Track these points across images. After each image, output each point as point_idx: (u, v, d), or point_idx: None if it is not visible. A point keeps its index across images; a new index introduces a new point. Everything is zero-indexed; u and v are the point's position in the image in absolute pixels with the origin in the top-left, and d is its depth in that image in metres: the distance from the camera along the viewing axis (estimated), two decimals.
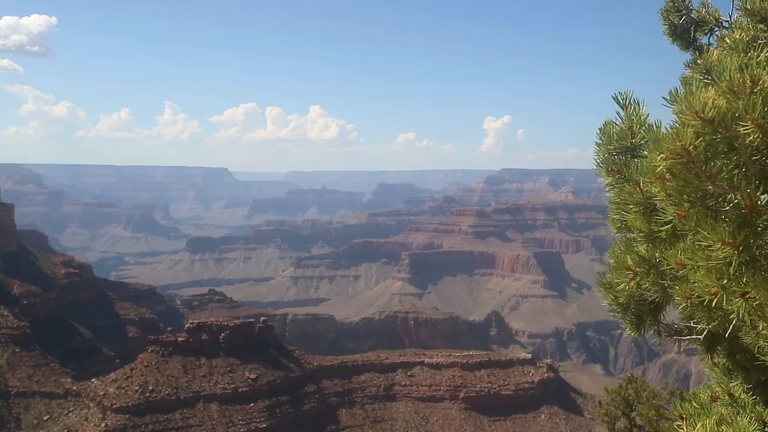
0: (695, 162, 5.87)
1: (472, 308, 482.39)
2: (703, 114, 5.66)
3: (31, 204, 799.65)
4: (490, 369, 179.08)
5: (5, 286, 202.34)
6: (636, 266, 7.39)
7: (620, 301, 8.48)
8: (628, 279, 7.53)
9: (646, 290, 7.75)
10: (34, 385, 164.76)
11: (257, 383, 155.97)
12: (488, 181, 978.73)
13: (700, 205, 6.10)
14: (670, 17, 10.11)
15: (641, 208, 6.97)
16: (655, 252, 7.13)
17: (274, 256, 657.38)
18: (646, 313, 8.52)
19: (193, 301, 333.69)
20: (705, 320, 6.77)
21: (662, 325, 8.66)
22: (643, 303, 8.31)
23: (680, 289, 6.59)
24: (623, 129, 7.38)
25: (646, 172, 6.36)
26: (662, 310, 8.43)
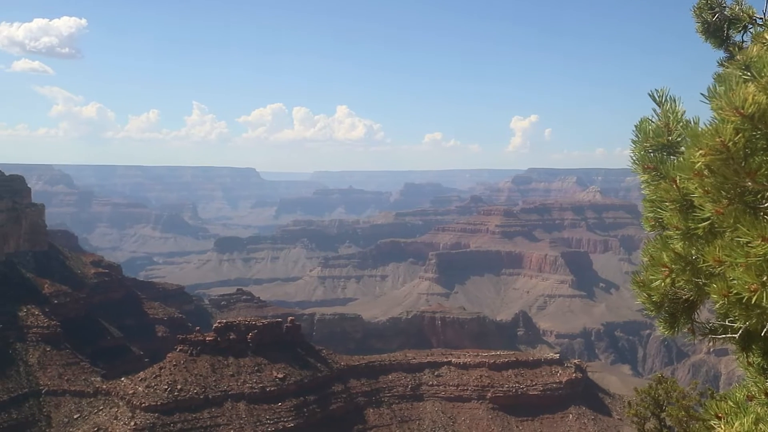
0: (734, 158, 5.82)
1: (500, 308, 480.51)
2: (743, 110, 5.65)
3: (61, 204, 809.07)
4: (517, 369, 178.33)
5: (36, 286, 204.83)
6: (672, 263, 7.34)
7: (654, 299, 8.41)
8: (663, 276, 7.47)
9: (680, 288, 7.70)
10: (65, 384, 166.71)
11: (285, 383, 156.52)
12: (515, 181, 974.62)
13: (739, 202, 6.05)
14: (703, 15, 10.03)
15: (678, 205, 6.92)
16: (692, 249, 7.08)
17: (301, 255, 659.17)
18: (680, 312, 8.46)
19: (221, 300, 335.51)
20: (742, 318, 6.71)
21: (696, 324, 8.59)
22: (677, 301, 8.25)
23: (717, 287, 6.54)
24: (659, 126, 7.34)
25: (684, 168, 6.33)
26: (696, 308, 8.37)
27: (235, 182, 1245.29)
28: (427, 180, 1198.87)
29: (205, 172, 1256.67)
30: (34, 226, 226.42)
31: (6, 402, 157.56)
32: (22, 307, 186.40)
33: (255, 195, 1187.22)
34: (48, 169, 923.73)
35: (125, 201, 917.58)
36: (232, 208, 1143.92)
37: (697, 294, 7.70)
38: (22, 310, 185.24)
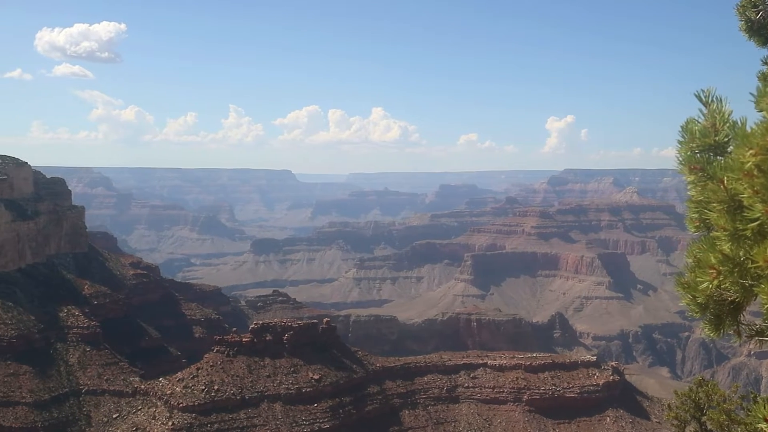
0: None
1: (536, 310, 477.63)
2: None
3: (101, 207, 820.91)
4: (554, 371, 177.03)
5: (76, 287, 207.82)
6: (720, 265, 7.25)
7: (699, 301, 8.30)
8: (711, 278, 7.39)
9: (726, 290, 7.60)
10: (104, 384, 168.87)
11: (321, 384, 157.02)
12: (551, 182, 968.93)
13: None
14: (747, 13, 9.90)
15: (725, 206, 6.83)
16: (740, 251, 6.98)
17: (337, 257, 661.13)
18: (725, 314, 8.36)
19: (258, 301, 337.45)
20: None
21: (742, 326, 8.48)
22: (723, 303, 8.14)
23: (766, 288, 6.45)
24: (706, 126, 7.26)
25: (733, 168, 6.25)
26: (743, 310, 8.26)
27: (271, 184, 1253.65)
28: (462, 181, 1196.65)
29: (242, 175, 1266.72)
30: (74, 228, 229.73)
31: (47, 401, 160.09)
32: (62, 307, 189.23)
33: (291, 197, 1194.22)
34: (88, 172, 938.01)
35: (163, 203, 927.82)
36: (269, 210, 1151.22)
37: (744, 296, 7.60)
38: (62, 310, 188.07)
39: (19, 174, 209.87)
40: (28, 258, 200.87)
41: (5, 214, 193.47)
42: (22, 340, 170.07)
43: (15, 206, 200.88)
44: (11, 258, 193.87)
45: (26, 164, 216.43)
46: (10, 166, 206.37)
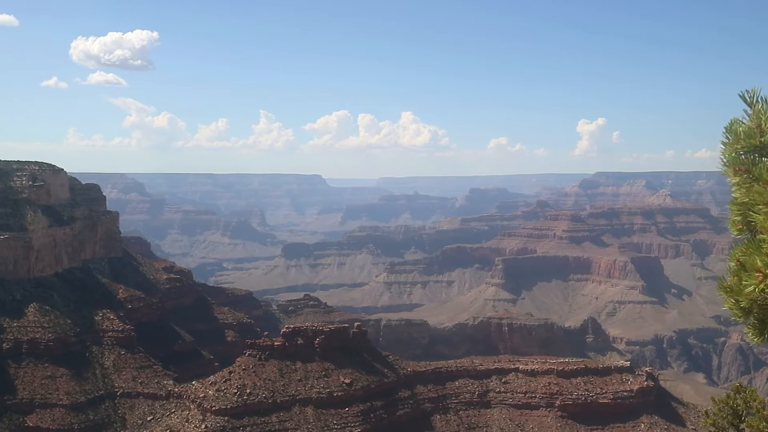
0: None
1: (568, 314, 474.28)
2: None
3: (134, 212, 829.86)
4: (586, 376, 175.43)
5: (111, 291, 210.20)
6: (766, 268, 7.17)
7: (742, 305, 8.21)
8: (757, 281, 7.31)
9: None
10: (139, 387, 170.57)
11: (352, 388, 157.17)
12: (583, 185, 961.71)
13: None
14: None
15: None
16: None
17: (367, 261, 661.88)
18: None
19: (289, 306, 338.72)
20: None
21: None
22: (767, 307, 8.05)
23: None
24: (751, 127, 7.18)
25: None
26: None
27: (301, 189, 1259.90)
28: (492, 185, 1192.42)
29: (273, 180, 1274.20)
30: (109, 233, 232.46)
31: (84, 403, 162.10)
32: (98, 311, 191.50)
33: (321, 201, 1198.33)
34: (122, 178, 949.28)
35: (195, 208, 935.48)
36: (299, 214, 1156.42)
37: None
38: (98, 314, 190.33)
39: (56, 180, 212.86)
40: (64, 263, 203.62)
41: (42, 220, 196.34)
42: (59, 343, 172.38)
43: (52, 212, 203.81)
44: (48, 263, 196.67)
45: (62, 171, 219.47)
46: (47, 172, 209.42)
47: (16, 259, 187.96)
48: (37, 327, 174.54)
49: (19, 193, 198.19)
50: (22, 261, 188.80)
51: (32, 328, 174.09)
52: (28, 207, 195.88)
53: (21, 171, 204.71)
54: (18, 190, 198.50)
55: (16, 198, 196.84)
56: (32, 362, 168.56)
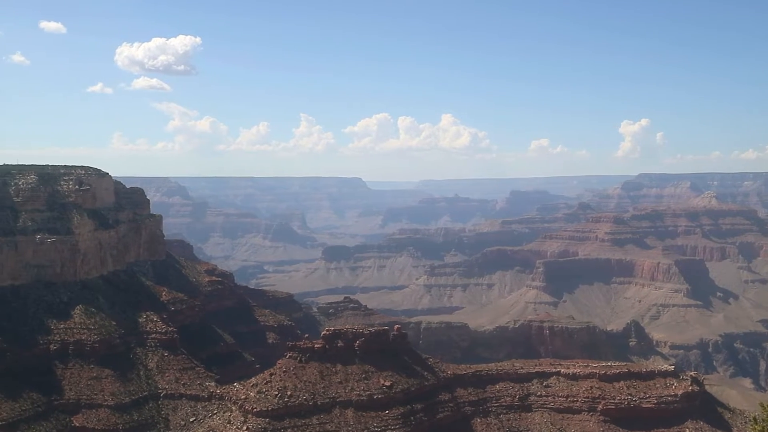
0: None
1: (610, 317, 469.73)
2: None
3: (177, 215, 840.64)
4: (629, 380, 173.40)
5: (155, 294, 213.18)
6: None
7: None
8: None
9: None
10: (181, 388, 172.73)
11: (392, 390, 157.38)
12: (625, 187, 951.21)
13: None
14: None
15: None
16: None
17: (407, 264, 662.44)
18: None
19: (329, 308, 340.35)
20: None
21: None
22: None
23: None
24: None
25: None
26: None
27: (342, 192, 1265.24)
28: (533, 187, 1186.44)
29: (313, 183, 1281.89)
30: (152, 236, 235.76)
31: (128, 404, 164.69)
32: (142, 313, 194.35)
33: (361, 204, 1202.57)
34: (165, 182, 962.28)
35: (237, 211, 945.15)
36: (339, 217, 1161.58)
37: None
38: (142, 316, 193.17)
39: (101, 184, 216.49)
40: (109, 265, 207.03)
41: (88, 223, 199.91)
42: (104, 345, 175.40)
43: (97, 215, 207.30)
44: (94, 265, 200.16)
45: (107, 175, 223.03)
46: (92, 176, 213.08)
47: (63, 262, 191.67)
48: (83, 329, 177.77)
49: (66, 197, 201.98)
50: (68, 264, 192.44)
51: (78, 330, 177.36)
52: (74, 211, 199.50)
53: (68, 175, 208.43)
54: (65, 194, 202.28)
55: (63, 202, 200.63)
56: (78, 363, 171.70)
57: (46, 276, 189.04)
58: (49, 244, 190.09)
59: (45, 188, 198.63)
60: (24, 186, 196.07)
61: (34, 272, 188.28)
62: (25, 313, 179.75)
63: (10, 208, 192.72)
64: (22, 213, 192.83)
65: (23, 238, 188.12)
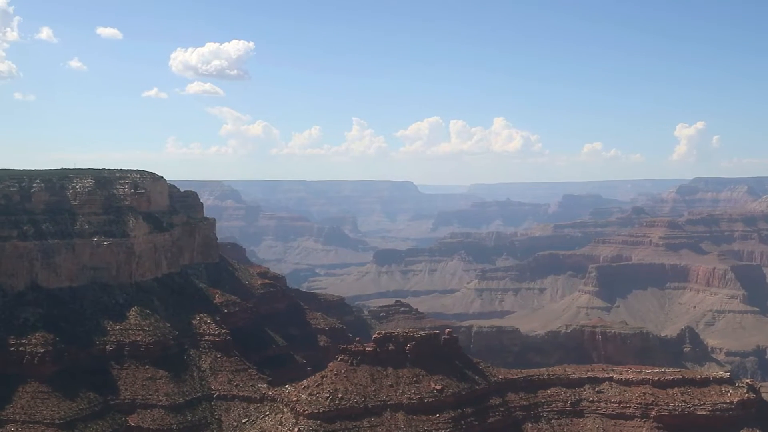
0: None
1: (664, 323, 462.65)
2: None
3: (230, 218, 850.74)
4: (683, 387, 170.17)
5: (208, 296, 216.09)
6: None
7: None
8: None
9: None
10: (234, 390, 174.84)
11: (443, 394, 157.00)
12: (680, 191, 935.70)
13: None
14: None
15: None
16: None
17: (458, 268, 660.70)
18: None
19: (380, 311, 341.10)
20: None
21: None
22: None
23: None
24: None
25: None
26: None
27: (393, 196, 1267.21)
28: (586, 191, 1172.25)
29: (365, 186, 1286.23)
30: (206, 239, 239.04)
31: (182, 405, 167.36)
32: (195, 315, 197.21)
33: (413, 208, 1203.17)
34: (218, 185, 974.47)
35: (289, 215, 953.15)
36: (391, 221, 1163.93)
37: None
38: (195, 318, 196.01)
39: (156, 188, 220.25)
40: (163, 268, 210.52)
41: (144, 227, 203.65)
42: (159, 346, 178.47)
43: (152, 219, 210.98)
44: (149, 268, 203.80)
45: (162, 178, 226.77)
46: (147, 180, 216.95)
47: (118, 265, 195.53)
48: (138, 330, 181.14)
49: (122, 200, 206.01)
50: (124, 266, 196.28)
51: (134, 331, 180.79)
52: (129, 214, 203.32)
53: (123, 179, 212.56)
54: (120, 198, 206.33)
55: (119, 205, 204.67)
56: (134, 364, 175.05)
57: (102, 278, 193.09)
58: (105, 247, 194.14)
59: (101, 192, 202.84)
60: (81, 190, 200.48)
61: (90, 274, 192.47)
62: (82, 315, 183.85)
63: (67, 212, 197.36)
64: (80, 216, 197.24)
65: (80, 241, 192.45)
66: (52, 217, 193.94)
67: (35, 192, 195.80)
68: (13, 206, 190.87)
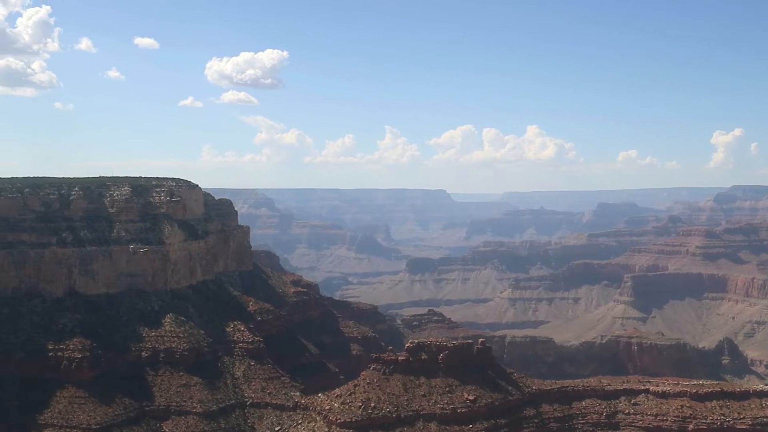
0: None
1: (701, 334, 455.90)
2: None
3: (264, 226, 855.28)
4: (722, 400, 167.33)
5: (242, 304, 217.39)
6: None
7: None
8: None
9: None
10: (267, 397, 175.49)
11: (476, 405, 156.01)
12: (718, 199, 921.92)
13: None
14: None
15: None
16: None
17: (491, 277, 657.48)
18: None
19: (413, 320, 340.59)
20: None
21: None
22: None
23: None
24: None
25: None
26: None
27: (426, 204, 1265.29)
28: (621, 200, 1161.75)
29: (398, 195, 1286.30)
30: (240, 247, 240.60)
31: (215, 412, 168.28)
32: (229, 323, 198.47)
33: (446, 216, 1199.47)
34: (253, 194, 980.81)
35: (322, 223, 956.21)
36: (424, 229, 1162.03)
37: None
38: (229, 326, 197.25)
39: (191, 196, 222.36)
40: (198, 275, 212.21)
41: (179, 234, 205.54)
42: (193, 353, 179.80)
43: (187, 226, 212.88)
44: (184, 275, 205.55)
45: (197, 186, 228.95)
46: (183, 188, 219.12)
47: (154, 272, 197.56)
48: (173, 337, 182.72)
49: (158, 208, 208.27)
50: (160, 273, 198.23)
51: (168, 338, 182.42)
52: (165, 221, 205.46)
53: (160, 187, 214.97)
54: (157, 206, 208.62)
55: (155, 213, 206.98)
56: (168, 370, 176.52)
57: (138, 285, 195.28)
58: (141, 254, 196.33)
59: (138, 199, 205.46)
60: (118, 197, 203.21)
61: (127, 281, 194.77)
62: (118, 321, 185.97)
63: (105, 219, 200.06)
64: (117, 223, 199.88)
65: (117, 248, 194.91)
66: (90, 224, 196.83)
67: (74, 199, 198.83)
68: (53, 213, 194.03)
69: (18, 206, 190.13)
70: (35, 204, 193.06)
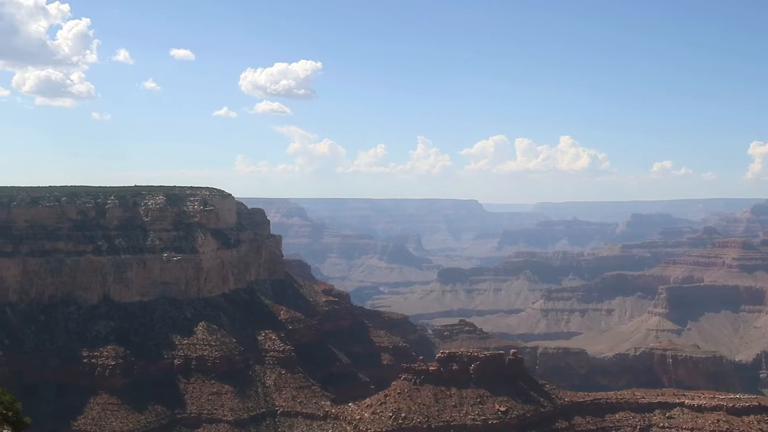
0: None
1: (738, 347, 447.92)
2: None
3: (296, 236, 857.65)
4: (760, 415, 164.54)
5: (273, 312, 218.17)
6: None
7: None
8: None
9: None
10: (297, 406, 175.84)
11: (507, 416, 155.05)
12: (755, 211, 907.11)
13: None
14: None
15: None
16: None
17: (523, 287, 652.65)
18: None
19: (444, 331, 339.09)
20: None
21: None
22: None
23: None
24: None
25: None
26: None
27: (458, 214, 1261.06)
28: (655, 210, 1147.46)
29: (429, 205, 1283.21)
30: (272, 256, 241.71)
31: (246, 420, 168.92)
32: (261, 331, 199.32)
33: (477, 227, 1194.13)
34: (285, 203, 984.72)
35: (354, 233, 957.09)
36: (455, 239, 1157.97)
37: None
38: (260, 334, 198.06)
39: (224, 205, 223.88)
40: (230, 284, 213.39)
41: (212, 243, 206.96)
42: (225, 361, 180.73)
43: (220, 235, 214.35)
44: (216, 284, 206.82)
45: (230, 196, 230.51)
46: (216, 197, 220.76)
47: (187, 280, 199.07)
48: (205, 345, 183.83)
49: (192, 216, 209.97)
50: (192, 282, 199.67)
51: (201, 346, 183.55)
52: (198, 230, 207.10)
53: (193, 196, 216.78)
54: (190, 214, 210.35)
55: (189, 222, 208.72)
56: (200, 378, 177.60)
57: (171, 293, 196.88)
58: (174, 263, 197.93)
59: (172, 208, 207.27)
60: (153, 206, 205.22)
61: (160, 289, 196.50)
62: (151, 328, 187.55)
63: (140, 227, 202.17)
64: (151, 232, 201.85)
65: (151, 257, 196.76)
66: (124, 232, 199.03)
67: (109, 208, 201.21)
68: (89, 222, 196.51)
69: (55, 215, 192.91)
70: (72, 212, 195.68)
